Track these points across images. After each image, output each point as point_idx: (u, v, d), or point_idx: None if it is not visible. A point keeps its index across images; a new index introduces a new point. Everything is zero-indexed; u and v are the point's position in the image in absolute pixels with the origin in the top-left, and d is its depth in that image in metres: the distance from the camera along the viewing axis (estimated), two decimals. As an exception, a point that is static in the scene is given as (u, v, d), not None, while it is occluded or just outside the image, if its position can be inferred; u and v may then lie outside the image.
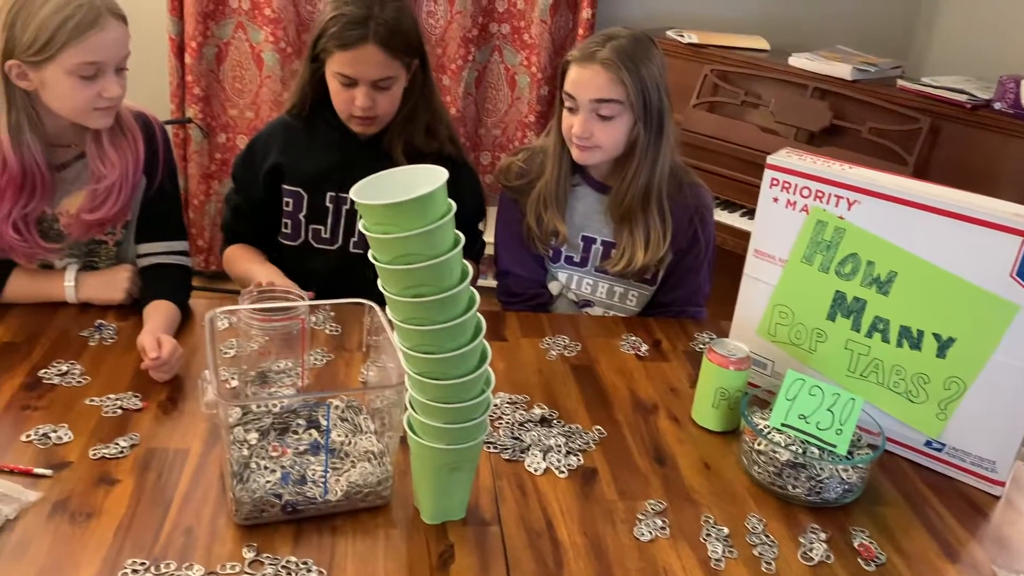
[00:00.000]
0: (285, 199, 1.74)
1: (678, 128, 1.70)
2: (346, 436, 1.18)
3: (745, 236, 2.65)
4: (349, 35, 1.57)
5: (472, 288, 0.98)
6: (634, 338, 1.61)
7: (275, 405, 1.20)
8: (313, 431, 1.19)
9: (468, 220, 1.82)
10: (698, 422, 1.36)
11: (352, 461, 1.14)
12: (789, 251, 1.35)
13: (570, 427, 1.32)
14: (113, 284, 1.52)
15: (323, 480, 1.09)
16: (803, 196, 1.33)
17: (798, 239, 1.34)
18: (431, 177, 0.93)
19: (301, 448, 1.15)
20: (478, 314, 0.98)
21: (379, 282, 0.96)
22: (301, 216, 1.74)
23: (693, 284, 1.75)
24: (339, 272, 1.77)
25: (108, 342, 1.42)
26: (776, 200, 1.36)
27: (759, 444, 1.22)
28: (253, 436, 1.15)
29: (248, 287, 1.60)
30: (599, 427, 1.33)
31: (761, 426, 1.24)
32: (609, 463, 1.25)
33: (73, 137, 1.47)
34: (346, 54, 1.59)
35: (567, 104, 1.62)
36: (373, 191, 0.94)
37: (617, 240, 1.69)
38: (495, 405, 1.34)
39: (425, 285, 0.93)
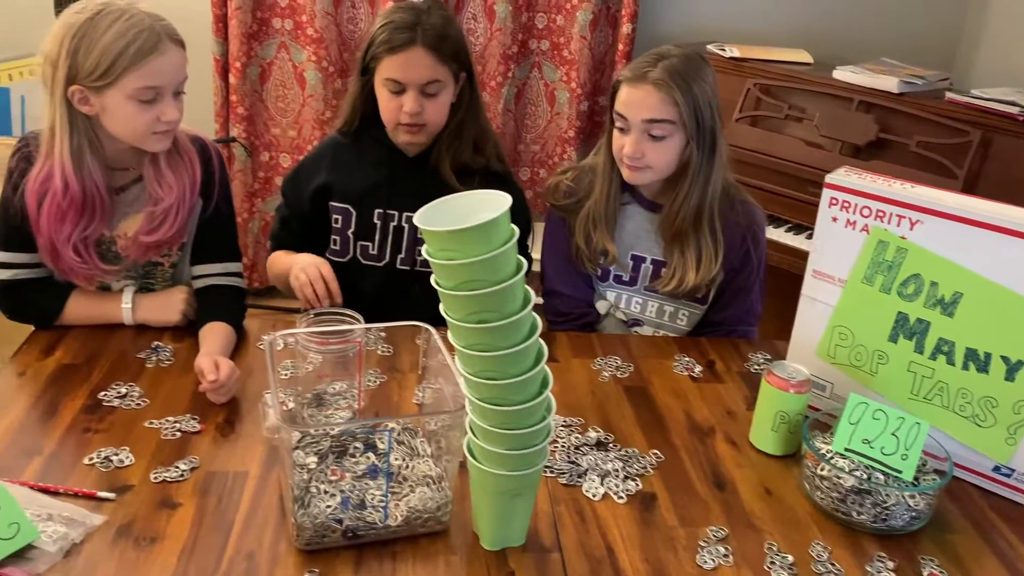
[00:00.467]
0: (334, 216, 1.76)
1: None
2: (403, 459, 1.17)
3: (791, 252, 2.62)
4: (397, 38, 1.61)
5: (534, 314, 0.97)
6: (687, 359, 1.59)
7: (333, 428, 1.20)
8: (370, 454, 1.18)
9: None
10: (757, 446, 1.34)
11: (411, 486, 1.13)
12: (849, 271, 1.33)
13: (626, 451, 1.30)
14: (169, 306, 1.54)
15: (383, 505, 1.08)
16: (863, 215, 1.30)
17: (858, 259, 1.32)
18: (494, 203, 0.93)
19: (359, 472, 1.15)
20: (540, 339, 0.97)
21: (441, 307, 0.96)
22: (349, 233, 1.76)
23: (744, 303, 1.73)
24: (386, 288, 1.78)
25: (165, 364, 1.43)
26: (835, 219, 1.33)
27: (822, 469, 1.19)
28: (312, 460, 1.15)
29: (289, 278, 1.63)
30: (656, 451, 1.31)
31: (824, 451, 1.22)
32: (668, 488, 1.23)
33: (131, 160, 1.49)
34: (395, 58, 1.61)
35: (618, 124, 1.62)
36: (436, 216, 0.94)
37: (668, 259, 1.68)
38: (550, 428, 1.33)
39: (489, 311, 0.92)
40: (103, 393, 1.33)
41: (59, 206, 1.41)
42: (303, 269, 1.62)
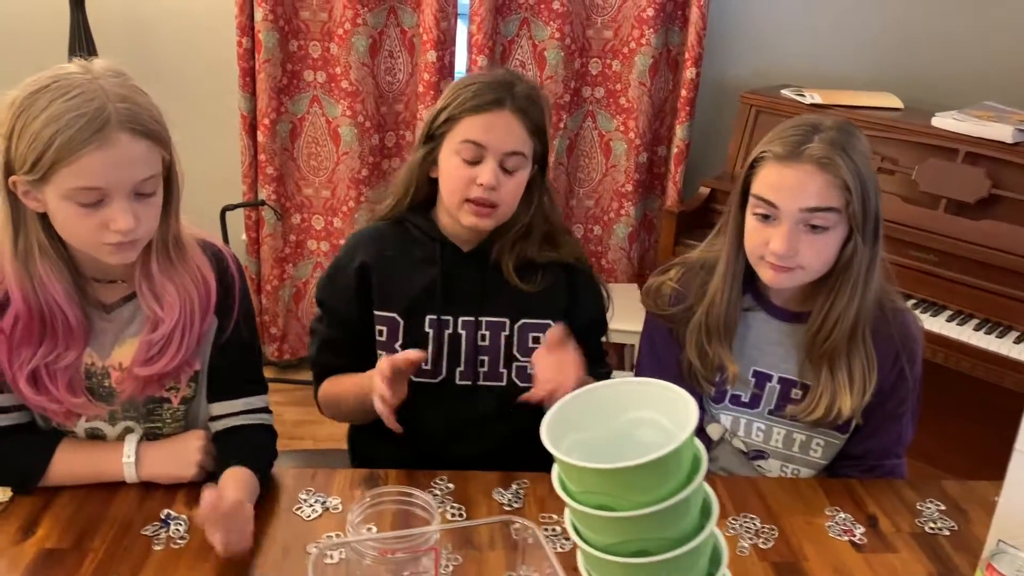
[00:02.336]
0: (378, 327, 1.45)
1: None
2: None
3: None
4: (486, 97, 1.36)
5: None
6: (843, 515, 1.25)
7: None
8: None
9: (594, 337, 1.51)
10: (968, 663, 1.00)
11: None
12: (1091, 427, 0.99)
13: None
14: (182, 457, 1.23)
15: None
16: (1114, 355, 0.97)
17: (1108, 413, 0.98)
18: (667, 404, 0.61)
19: None
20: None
21: (582, 567, 0.63)
22: (397, 346, 1.44)
23: (894, 432, 1.39)
24: (444, 410, 1.46)
25: (178, 543, 1.11)
26: (1070, 358, 1.00)
27: None
28: None
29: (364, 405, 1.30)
30: None
31: None
32: None
33: (118, 271, 1.18)
34: (479, 118, 1.35)
35: (759, 211, 1.28)
36: (570, 423, 0.62)
37: (810, 380, 1.34)
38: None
39: (662, 580, 0.60)
40: (95, 599, 1.01)
41: (8, 326, 1.12)
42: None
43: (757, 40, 3.00)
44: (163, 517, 1.15)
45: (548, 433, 0.60)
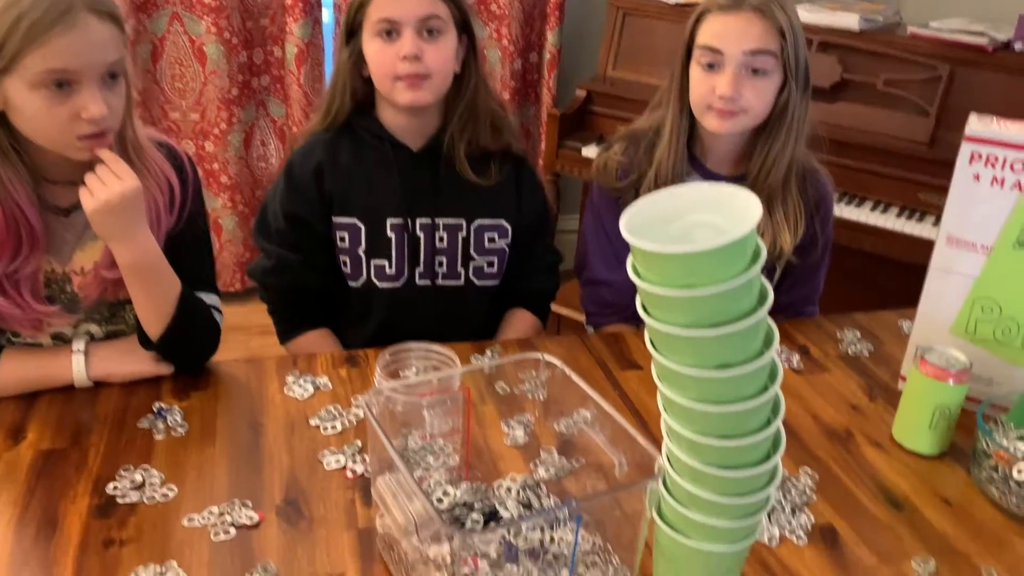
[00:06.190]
0: (339, 234, 1.44)
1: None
2: (540, 530, 0.93)
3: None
4: None
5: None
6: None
7: (442, 500, 0.94)
8: (493, 524, 0.93)
9: (542, 227, 1.57)
10: (906, 446, 1.16)
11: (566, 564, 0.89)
12: (996, 236, 1.16)
13: (776, 473, 1.10)
14: (138, 351, 1.21)
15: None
16: (1013, 171, 1.13)
17: (1009, 222, 1.15)
18: (721, 205, 0.69)
19: (493, 555, 0.90)
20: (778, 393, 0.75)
21: (658, 363, 0.72)
22: (360, 251, 1.45)
23: (813, 283, 1.55)
24: (403, 309, 1.49)
25: (178, 432, 1.11)
26: (977, 177, 1.16)
27: (1020, 472, 1.03)
28: (432, 548, 0.89)
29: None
30: (806, 468, 1.12)
31: (1013, 449, 1.05)
32: (842, 516, 1.04)
33: (76, 171, 1.13)
34: None
35: (705, 60, 1.37)
36: (639, 226, 0.69)
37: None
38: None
39: (730, 352, 0.69)
40: (113, 485, 1.01)
41: None
42: None
43: (618, -57, 3.08)
44: (155, 410, 1.15)
45: (630, 229, 0.67)
